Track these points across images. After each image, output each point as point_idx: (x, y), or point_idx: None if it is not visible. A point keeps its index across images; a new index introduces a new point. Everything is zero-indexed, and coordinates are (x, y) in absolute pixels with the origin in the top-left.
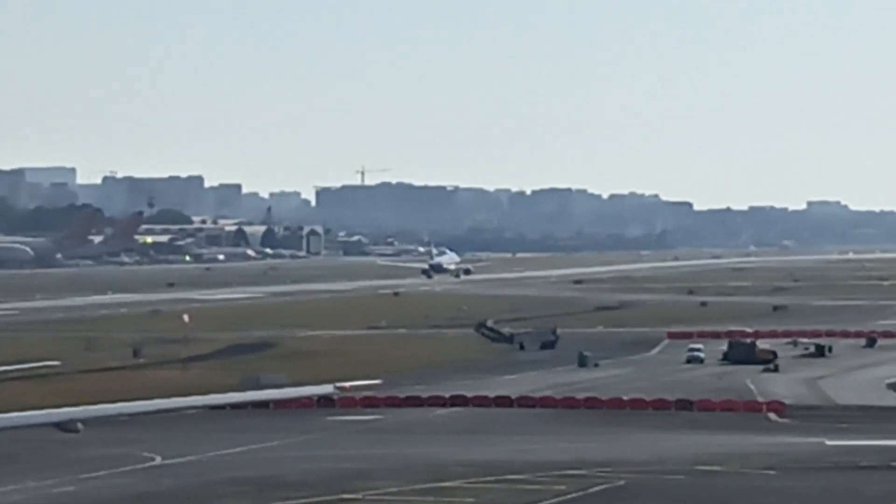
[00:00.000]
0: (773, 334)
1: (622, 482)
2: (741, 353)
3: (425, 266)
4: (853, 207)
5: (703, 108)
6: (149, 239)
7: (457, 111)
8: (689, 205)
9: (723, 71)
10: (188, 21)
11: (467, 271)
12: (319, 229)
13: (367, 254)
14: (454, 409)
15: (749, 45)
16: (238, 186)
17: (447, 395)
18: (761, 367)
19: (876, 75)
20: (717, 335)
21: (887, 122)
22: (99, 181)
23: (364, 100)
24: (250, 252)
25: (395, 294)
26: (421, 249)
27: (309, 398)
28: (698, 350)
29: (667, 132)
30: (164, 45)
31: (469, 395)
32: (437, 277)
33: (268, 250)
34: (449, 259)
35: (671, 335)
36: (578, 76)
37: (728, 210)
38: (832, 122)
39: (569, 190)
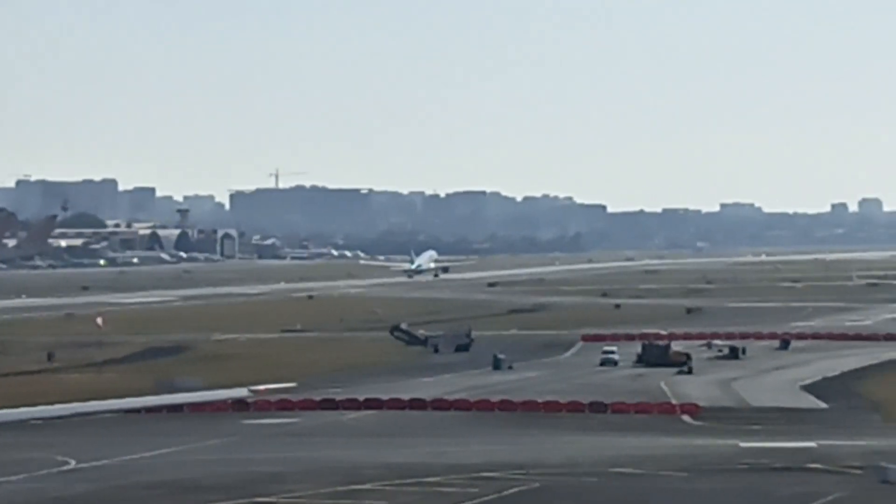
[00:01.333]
0: (686, 336)
1: (537, 484)
2: (655, 356)
3: (407, 267)
4: (766, 209)
5: (616, 110)
6: (63, 242)
7: (370, 114)
8: (603, 207)
9: (635, 73)
10: (101, 23)
11: (445, 269)
12: (233, 233)
13: (281, 257)
14: (368, 411)
15: (661, 46)
16: (152, 190)
17: (362, 398)
18: (675, 369)
19: (788, 78)
20: (630, 337)
21: (800, 124)
22: (12, 184)
23: (277, 103)
24: (164, 255)
25: (310, 297)
26: (334, 252)
27: (223, 401)
28: (612, 352)
29: (580, 134)
30: (77, 48)
31: (383, 397)
32: (415, 277)
33: (182, 254)
34: (428, 258)
35: (585, 338)
36: (492, 78)
37: (641, 212)
38: (745, 125)
39: (483, 192)
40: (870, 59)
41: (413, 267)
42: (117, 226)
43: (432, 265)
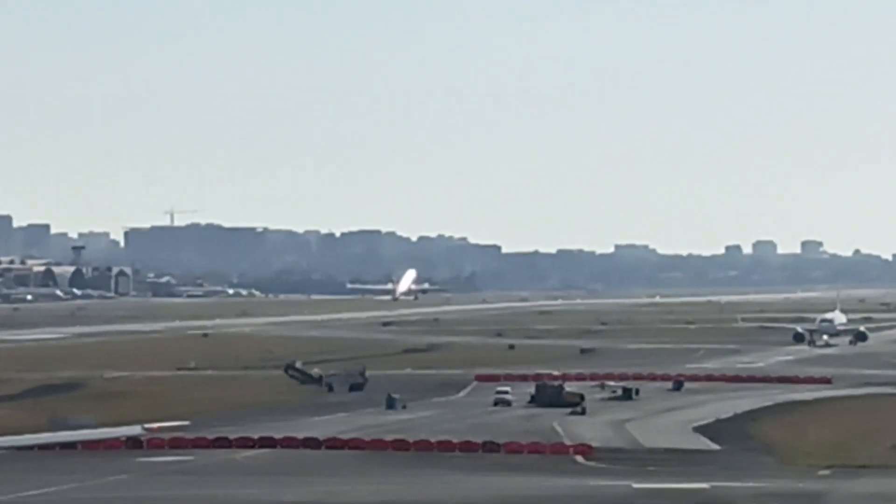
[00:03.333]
0: (580, 377)
1: None
2: (549, 396)
3: (392, 293)
4: (661, 251)
5: (509, 150)
6: None
7: (265, 152)
8: (497, 247)
9: (527, 113)
10: None
11: (424, 291)
12: (128, 270)
13: (176, 295)
14: (262, 450)
15: (549, 89)
16: (46, 226)
17: (256, 436)
18: (569, 409)
19: (682, 120)
20: (524, 378)
21: (694, 166)
22: None
23: (173, 141)
24: (59, 292)
25: (205, 335)
26: (229, 291)
27: (117, 439)
28: (506, 392)
29: (475, 175)
30: None
31: (277, 436)
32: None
33: (76, 291)
34: (410, 279)
35: (479, 377)
36: (387, 117)
37: (536, 253)
38: (639, 166)
39: (378, 232)
40: (763, 102)
41: (398, 291)
42: (11, 262)
43: (413, 286)
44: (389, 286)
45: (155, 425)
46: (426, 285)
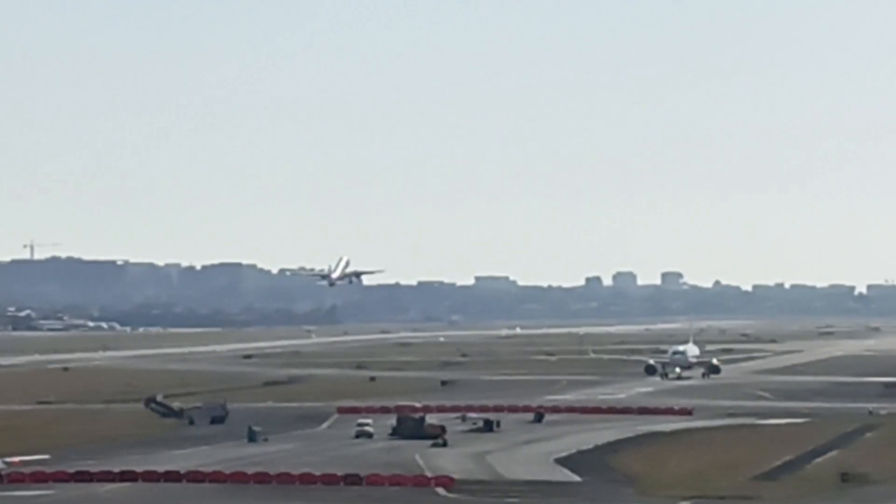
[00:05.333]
0: (441, 409)
1: None
2: (410, 428)
3: (327, 278)
4: (521, 283)
5: (369, 180)
6: None
7: (125, 185)
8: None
9: (387, 145)
10: None
11: (358, 275)
12: None
13: (36, 328)
14: (124, 484)
15: (407, 121)
16: None
17: (117, 469)
18: (430, 441)
19: (543, 150)
20: (386, 410)
21: (554, 198)
22: None
23: (32, 173)
24: None
25: (65, 369)
26: (90, 324)
27: None
28: (367, 424)
29: (335, 206)
30: None
31: (138, 469)
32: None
33: None
34: (342, 264)
35: (340, 410)
36: (247, 150)
37: (397, 285)
38: (500, 197)
39: (239, 264)
40: (622, 133)
41: (333, 276)
42: None
43: (347, 271)
44: (326, 270)
45: (15, 459)
46: (358, 269)
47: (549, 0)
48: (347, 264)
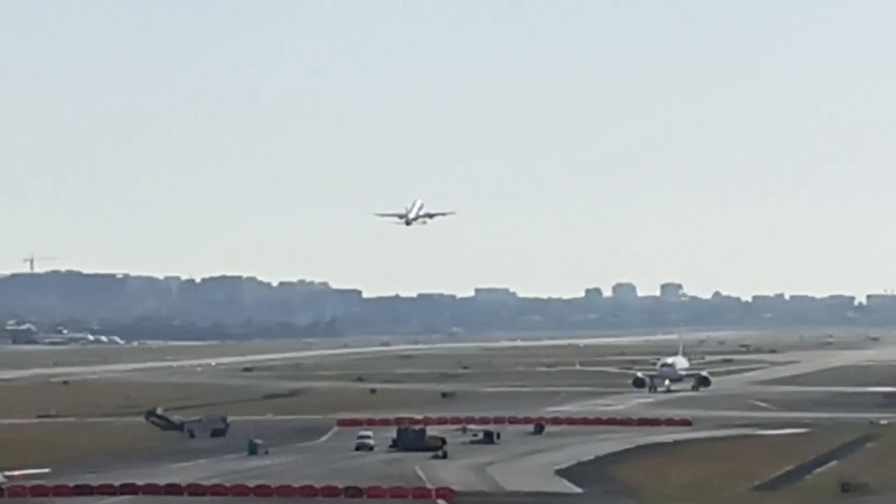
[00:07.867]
0: (442, 421)
1: None
2: (410, 440)
3: (405, 217)
4: (521, 294)
5: (368, 194)
6: None
7: (124, 199)
8: (358, 292)
9: (384, 156)
10: None
11: (431, 216)
12: None
13: (36, 342)
14: (124, 497)
15: (405, 132)
16: None
17: (117, 483)
18: (430, 453)
19: (542, 161)
20: (386, 422)
21: (554, 209)
22: None
23: (32, 187)
24: None
25: (66, 382)
26: (90, 337)
27: None
28: (368, 437)
29: (334, 220)
30: None
31: (139, 483)
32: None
33: None
34: (418, 204)
35: (341, 422)
36: (246, 163)
37: (397, 297)
38: (499, 209)
39: (238, 277)
40: (622, 144)
41: (410, 216)
42: None
43: (421, 213)
44: (403, 210)
45: (16, 472)
46: (431, 211)
47: (549, 13)
48: (422, 206)
